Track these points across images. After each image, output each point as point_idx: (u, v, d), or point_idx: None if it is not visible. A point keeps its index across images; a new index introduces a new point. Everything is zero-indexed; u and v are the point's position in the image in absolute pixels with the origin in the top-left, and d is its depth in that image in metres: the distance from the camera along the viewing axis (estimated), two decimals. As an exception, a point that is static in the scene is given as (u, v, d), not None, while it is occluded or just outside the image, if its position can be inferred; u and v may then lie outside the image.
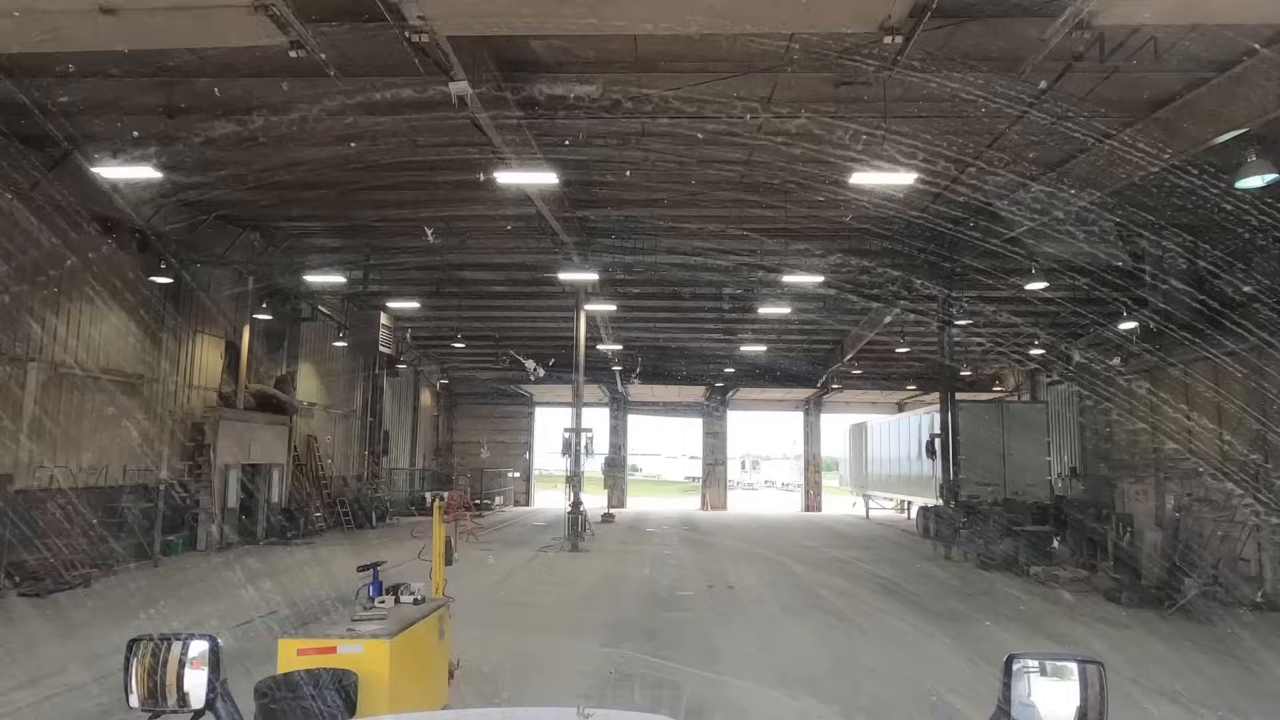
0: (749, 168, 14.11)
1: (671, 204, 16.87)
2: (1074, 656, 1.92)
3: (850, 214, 17.38)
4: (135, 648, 2.03)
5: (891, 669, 8.62)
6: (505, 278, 23.59)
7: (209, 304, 19.12)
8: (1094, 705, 1.83)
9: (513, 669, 8.02)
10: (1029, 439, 21.79)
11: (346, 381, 27.47)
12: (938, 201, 15.34)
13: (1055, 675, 1.89)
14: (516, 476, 38.01)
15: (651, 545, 21.38)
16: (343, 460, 27.07)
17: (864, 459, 33.45)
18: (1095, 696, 1.83)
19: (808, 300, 23.21)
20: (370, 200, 17.06)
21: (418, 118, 12.08)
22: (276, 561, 16.68)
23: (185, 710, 1.99)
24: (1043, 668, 1.90)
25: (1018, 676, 1.89)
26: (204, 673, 2.00)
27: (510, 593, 13.25)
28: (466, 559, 17.75)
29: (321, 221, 18.85)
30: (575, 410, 20.00)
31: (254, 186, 15.99)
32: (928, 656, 8.95)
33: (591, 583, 14.56)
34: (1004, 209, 15.39)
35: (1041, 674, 1.89)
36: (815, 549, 21.27)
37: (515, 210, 17.50)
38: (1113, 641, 10.29)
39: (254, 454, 20.32)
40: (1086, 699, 1.84)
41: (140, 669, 2.01)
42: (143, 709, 2.00)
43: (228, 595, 11.87)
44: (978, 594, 13.87)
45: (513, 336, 31.16)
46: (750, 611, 11.93)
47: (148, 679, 2.00)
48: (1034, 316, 25.21)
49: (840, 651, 9.39)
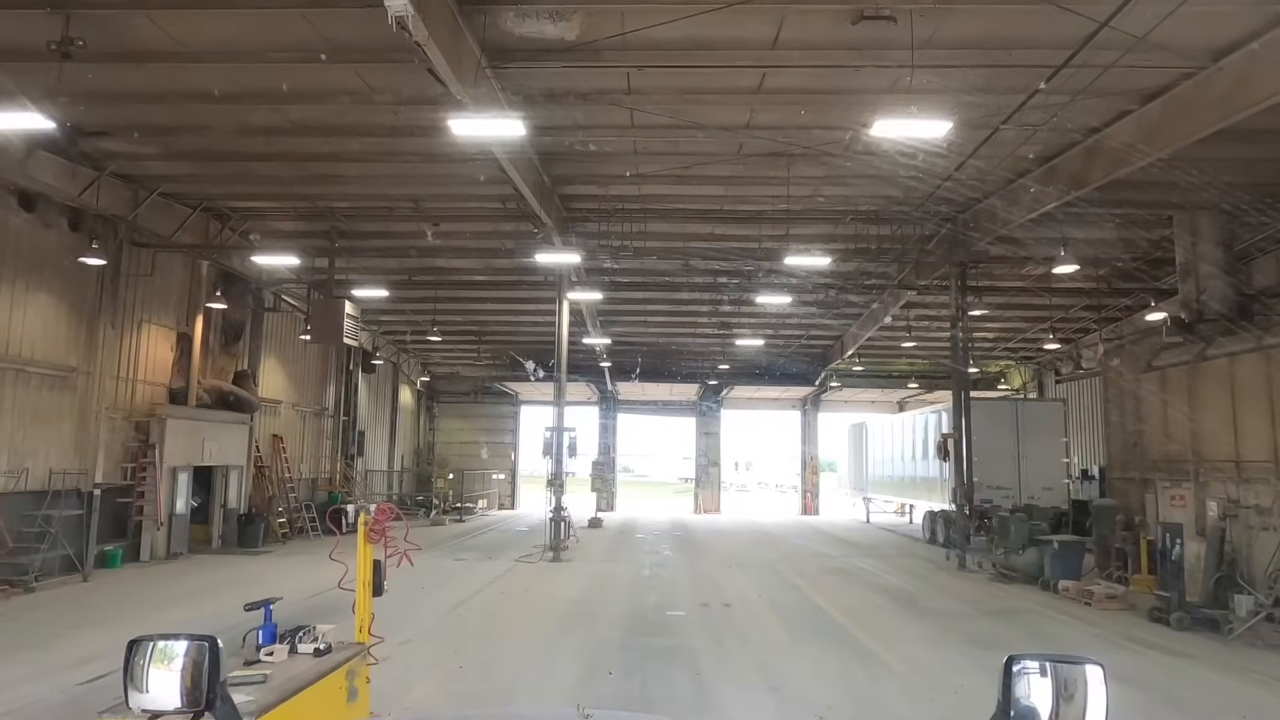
0: (749, 133, 12.54)
1: (661, 180, 15.30)
2: (1074, 658, 1.88)
3: (858, 190, 15.91)
4: (135, 648, 2.02)
5: (928, 719, 7.11)
6: (485, 266, 22.03)
7: (157, 291, 17.46)
8: (1095, 706, 1.82)
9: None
10: (1044, 439, 20.32)
11: (317, 378, 25.83)
12: (962, 169, 13.77)
13: (1056, 676, 1.85)
14: (501, 478, 36.36)
15: (641, 553, 19.82)
16: (313, 462, 25.44)
17: (864, 460, 31.95)
18: (1096, 697, 1.82)
19: (808, 291, 21.69)
20: (330, 175, 15.46)
21: (369, 67, 10.52)
22: (224, 573, 15.07)
23: (185, 711, 1.96)
24: (1043, 669, 1.86)
25: (1018, 677, 1.86)
26: (204, 673, 1.96)
27: (474, 615, 11.66)
28: (432, 570, 16.17)
29: (279, 201, 17.22)
30: (557, 408, 18.41)
31: (195, 157, 14.42)
32: (969, 698, 7.42)
33: (571, 600, 12.98)
34: (1034, 182, 13.90)
35: (1041, 675, 1.86)
36: (817, 557, 19.74)
37: (492, 190, 15.94)
38: (1179, 676, 8.78)
39: (208, 455, 18.67)
40: (1087, 700, 1.82)
41: (139, 670, 1.99)
42: (142, 710, 1.98)
43: (134, 619, 10.22)
44: (1005, 613, 12.35)
45: (495, 331, 29.59)
46: (751, 638, 10.38)
47: (147, 680, 1.99)
48: (1049, 310, 23.82)
49: (863, 694, 7.85)
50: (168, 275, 17.78)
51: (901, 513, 32.83)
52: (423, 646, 9.35)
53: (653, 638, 10.26)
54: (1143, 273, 19.42)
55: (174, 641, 2.01)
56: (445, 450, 36.23)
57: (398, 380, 32.73)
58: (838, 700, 7.54)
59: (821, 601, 13.22)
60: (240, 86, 11.02)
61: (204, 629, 2.13)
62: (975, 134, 12.21)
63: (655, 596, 13.44)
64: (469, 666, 8.70)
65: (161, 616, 10.84)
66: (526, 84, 10.40)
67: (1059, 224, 17.53)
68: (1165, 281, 19.20)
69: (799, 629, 11.04)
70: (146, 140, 13.25)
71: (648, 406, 37.90)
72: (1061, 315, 24.50)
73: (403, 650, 9.08)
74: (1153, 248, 18.34)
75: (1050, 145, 13.07)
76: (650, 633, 10.54)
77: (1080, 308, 24.16)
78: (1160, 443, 15.52)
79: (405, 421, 34.21)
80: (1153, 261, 19.03)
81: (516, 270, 21.52)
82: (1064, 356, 29.34)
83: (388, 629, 9.69)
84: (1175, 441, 15.03)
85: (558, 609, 12.14)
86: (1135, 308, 23.41)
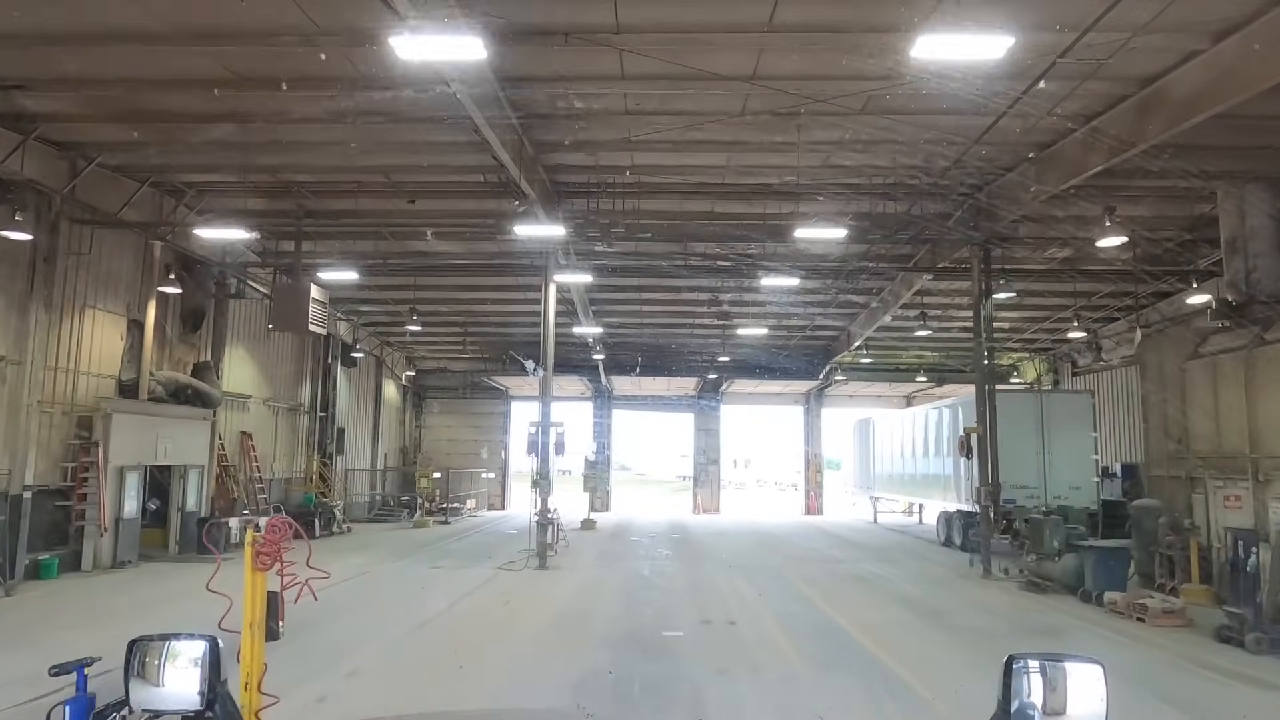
0: (755, 85, 10.97)
1: (656, 147, 13.78)
2: (1073, 657, 1.87)
3: (875, 158, 14.37)
4: (136, 649, 2.02)
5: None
6: (468, 250, 20.47)
7: (103, 274, 15.91)
8: (1095, 705, 1.82)
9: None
10: (1071, 434, 18.80)
11: (292, 371, 24.27)
12: (992, 133, 12.18)
13: (1055, 676, 1.85)
14: (491, 477, 34.81)
15: (635, 559, 18.29)
16: (286, 460, 23.89)
17: (870, 457, 30.42)
18: (1096, 696, 1.82)
19: (817, 275, 20.16)
20: (288, 143, 13.87)
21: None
22: (170, 585, 13.52)
23: (185, 711, 1.95)
24: (1043, 668, 1.86)
25: (1017, 677, 1.86)
26: (204, 673, 1.97)
27: (441, 636, 10.10)
28: (403, 581, 14.61)
29: (235, 175, 15.65)
30: (543, 404, 16.86)
31: (131, 119, 12.84)
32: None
33: (554, 615, 11.46)
34: (1074, 146, 12.38)
35: (1041, 675, 1.85)
36: (825, 561, 18.23)
37: (470, 160, 14.45)
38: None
39: (163, 453, 17.10)
40: (1087, 699, 1.82)
41: (140, 670, 1.99)
42: (144, 709, 1.97)
43: (31, 646, 8.64)
44: (1049, 631, 10.84)
45: (482, 324, 28.03)
46: (761, 665, 8.86)
47: (148, 679, 1.99)
48: (1073, 296, 22.32)
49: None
50: (116, 257, 16.23)
51: (909, 512, 31.35)
52: (368, 682, 7.83)
53: (646, 665, 8.75)
54: (1176, 254, 17.93)
55: (175, 641, 2.01)
56: (433, 448, 34.66)
57: (381, 375, 31.16)
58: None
59: (837, 616, 11.70)
60: (160, 20, 9.46)
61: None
62: (1015, 84, 10.67)
63: (650, 611, 11.91)
64: (426, 697, 7.19)
65: (57, 641, 9.29)
66: (494, 7, 8.81)
67: (1089, 199, 16.08)
68: (1203, 263, 17.75)
69: (816, 653, 9.53)
70: (68, 95, 11.69)
71: (644, 402, 36.37)
72: (1083, 303, 23.00)
73: (346, 687, 7.55)
74: (1189, 227, 16.88)
75: (1096, 100, 11.53)
76: (643, 659, 9.02)
77: (1103, 294, 22.67)
78: (1210, 436, 14.03)
79: (390, 418, 32.65)
80: (1184, 244, 17.55)
81: (502, 255, 20.00)
82: (1082, 347, 27.85)
83: (336, 655, 8.14)
84: (1229, 435, 13.53)
85: (538, 628, 10.61)
86: (1167, 292, 21.93)
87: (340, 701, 7.09)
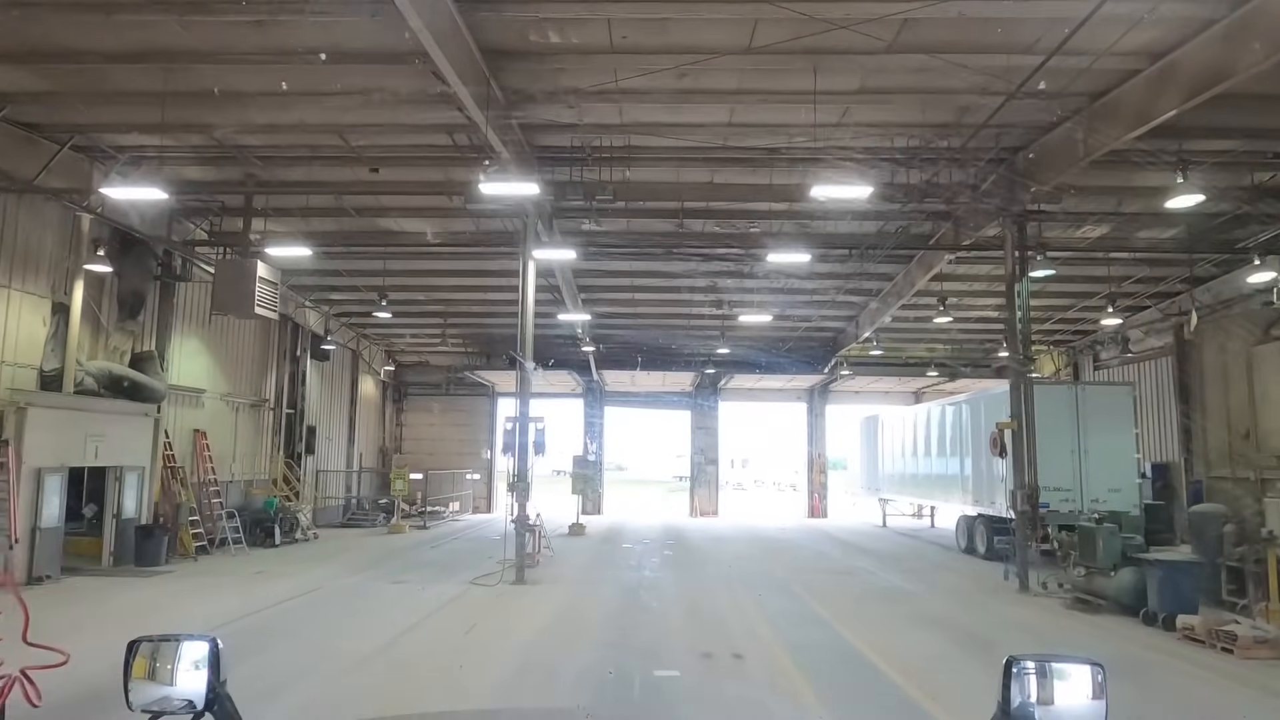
0: (764, 7, 9.08)
1: (649, 98, 11.92)
2: (1073, 658, 1.88)
3: (899, 112, 12.53)
4: (135, 649, 2.00)
5: None
6: (443, 230, 18.57)
7: (19, 249, 14.01)
8: (1095, 707, 1.82)
9: None
10: (1111, 430, 16.95)
11: (255, 364, 22.32)
12: (1041, 73, 10.28)
13: (1054, 677, 1.85)
14: (477, 478, 32.88)
15: (626, 570, 16.41)
16: (249, 461, 21.93)
17: (878, 457, 28.58)
18: (1095, 698, 1.83)
19: (825, 259, 18.28)
20: (222, 94, 11.95)
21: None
22: (83, 608, 11.63)
23: (185, 711, 1.93)
24: (1042, 669, 1.85)
25: (1017, 678, 1.85)
26: (204, 674, 1.95)
27: (379, 681, 8.17)
28: (358, 601, 12.43)
29: (169, 136, 13.71)
30: (521, 398, 14.94)
31: (30, 58, 10.93)
32: None
33: (525, 646, 9.57)
34: (1133, 93, 10.51)
35: (1041, 675, 1.85)
36: (838, 574, 16.36)
37: (434, 117, 12.61)
38: None
39: (94, 454, 15.17)
40: (1087, 701, 1.83)
41: (140, 670, 1.98)
42: (143, 710, 1.93)
43: None
44: (1125, 668, 8.88)
45: (462, 313, 26.12)
46: (777, 718, 6.99)
47: (147, 680, 1.97)
48: (1106, 281, 20.48)
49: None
50: (37, 231, 14.32)
51: (919, 515, 29.53)
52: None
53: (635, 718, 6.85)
54: (1227, 229, 16.13)
55: (174, 642, 2.00)
56: (415, 447, 32.71)
57: (358, 369, 29.21)
58: None
59: (861, 645, 9.83)
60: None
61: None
62: (1075, 3, 8.80)
63: (640, 639, 10.03)
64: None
65: None
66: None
67: (1134, 165, 14.28)
68: (1264, 237, 15.95)
69: (844, 700, 7.65)
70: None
71: (638, 399, 34.48)
72: (1114, 289, 21.15)
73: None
74: (1248, 198, 15.05)
75: (1173, 29, 9.68)
76: (629, 711, 7.12)
77: (1134, 280, 20.84)
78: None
79: (368, 416, 30.71)
80: (1237, 218, 15.75)
81: (480, 236, 18.10)
82: (1106, 339, 26.04)
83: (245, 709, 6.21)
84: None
85: (502, 666, 8.70)
86: (1201, 278, 20.16)
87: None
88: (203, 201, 16.48)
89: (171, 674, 1.95)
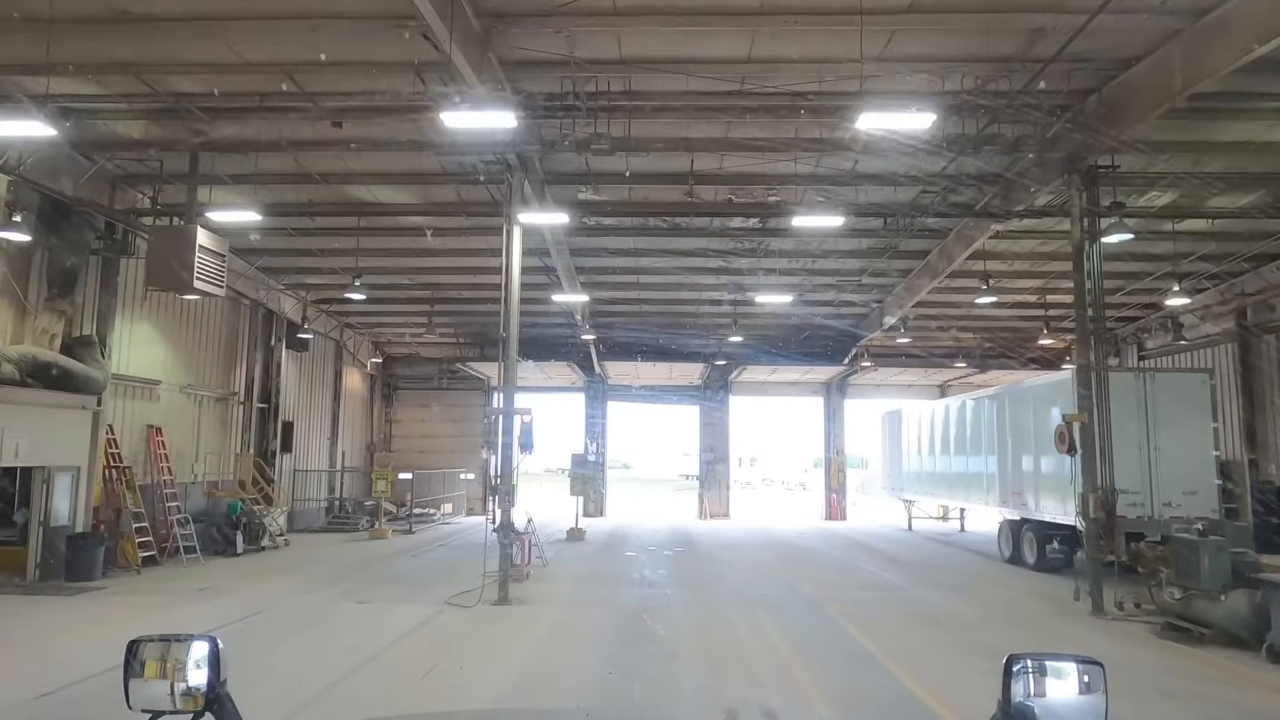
0: None
1: (652, 20, 9.82)
2: (1073, 657, 1.85)
3: (954, 42, 10.41)
4: (135, 649, 1.98)
5: None
6: (422, 198, 16.54)
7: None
8: (1095, 705, 1.80)
9: None
10: (1185, 424, 14.80)
11: (222, 353, 20.28)
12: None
13: (1054, 676, 1.83)
14: (471, 478, 30.78)
15: (628, 585, 14.31)
16: (214, 460, 19.90)
17: (901, 454, 26.43)
18: (1095, 697, 1.81)
19: (856, 230, 16.13)
20: (138, 17, 9.90)
21: None
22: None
23: (185, 711, 1.90)
24: (1042, 668, 1.83)
25: (1017, 677, 1.83)
26: (204, 673, 1.93)
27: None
28: (307, 627, 9.95)
29: (90, 82, 11.65)
30: (505, 390, 12.80)
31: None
32: None
33: (495, 697, 7.47)
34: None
35: (1041, 674, 1.83)
36: (872, 589, 14.25)
37: (395, 51, 10.61)
38: None
39: (15, 452, 13.14)
40: (1087, 699, 1.81)
41: (140, 670, 1.95)
42: (143, 710, 1.91)
43: None
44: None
45: (451, 299, 24.01)
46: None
47: (148, 680, 1.95)
48: (1170, 259, 18.28)
49: None
50: (-60, 192, 12.30)
51: (945, 517, 27.38)
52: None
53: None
54: None
55: (174, 642, 1.97)
56: (406, 444, 30.67)
57: (342, 361, 27.16)
58: None
59: (920, 692, 7.74)
60: None
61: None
62: None
63: (642, 689, 7.92)
64: None
65: None
66: None
67: (1211, 118, 12.24)
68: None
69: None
70: None
71: (643, 392, 32.36)
72: (1169, 268, 18.95)
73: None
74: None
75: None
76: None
77: (1198, 256, 18.64)
78: None
79: (354, 411, 28.68)
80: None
81: (465, 207, 16.05)
82: (1154, 325, 23.85)
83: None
84: None
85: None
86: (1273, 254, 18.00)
87: None
88: (144, 165, 14.46)
89: (171, 674, 1.93)
